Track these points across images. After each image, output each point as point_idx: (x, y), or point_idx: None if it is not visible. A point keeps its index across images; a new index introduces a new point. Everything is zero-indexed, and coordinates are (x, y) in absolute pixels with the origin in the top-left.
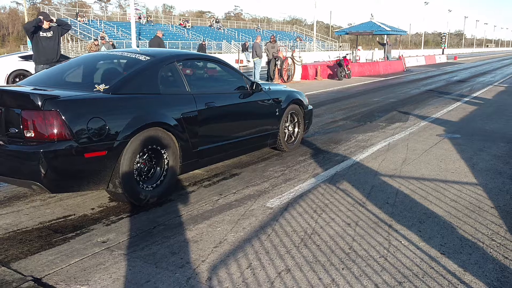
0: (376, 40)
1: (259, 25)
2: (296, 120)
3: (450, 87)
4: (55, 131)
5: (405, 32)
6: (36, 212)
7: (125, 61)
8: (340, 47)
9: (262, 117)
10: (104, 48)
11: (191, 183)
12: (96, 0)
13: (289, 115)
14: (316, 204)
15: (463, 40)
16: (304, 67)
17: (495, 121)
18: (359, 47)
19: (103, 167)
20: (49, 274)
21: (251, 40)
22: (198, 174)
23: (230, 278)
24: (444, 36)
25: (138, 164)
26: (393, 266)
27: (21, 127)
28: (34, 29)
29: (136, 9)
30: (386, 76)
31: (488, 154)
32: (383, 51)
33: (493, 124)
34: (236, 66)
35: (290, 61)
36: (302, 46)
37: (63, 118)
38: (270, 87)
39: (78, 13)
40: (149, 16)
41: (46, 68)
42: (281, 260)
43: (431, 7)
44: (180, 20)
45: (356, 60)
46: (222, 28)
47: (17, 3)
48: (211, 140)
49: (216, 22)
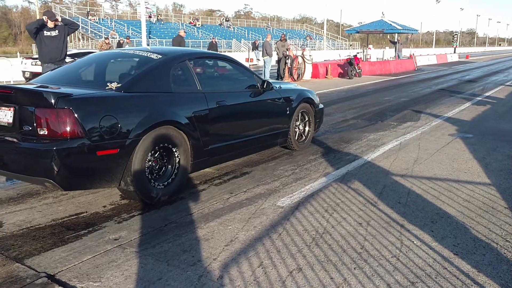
0: (388, 38)
1: (269, 23)
2: (307, 119)
3: (462, 86)
4: (68, 129)
5: (416, 30)
6: (49, 209)
7: (137, 59)
8: (350, 45)
9: (273, 115)
10: (128, 47)
11: (202, 181)
12: None
13: (299, 114)
14: (327, 203)
15: (475, 39)
16: (315, 66)
17: (508, 120)
18: (370, 46)
19: (115, 165)
20: (62, 271)
21: (261, 38)
22: (209, 173)
23: (242, 277)
24: (456, 34)
25: (150, 162)
26: (405, 266)
27: (34, 125)
28: (36, 29)
29: (146, 7)
30: (397, 75)
31: (502, 154)
32: (394, 49)
33: (506, 123)
34: (246, 65)
35: (300, 59)
36: (312, 44)
37: (76, 116)
38: (281, 86)
39: (89, 11)
40: (159, 14)
41: (53, 67)
42: (292, 259)
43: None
44: (190, 18)
45: (367, 58)
46: (232, 27)
47: (29, 2)
48: (222, 138)
49: (226, 21)
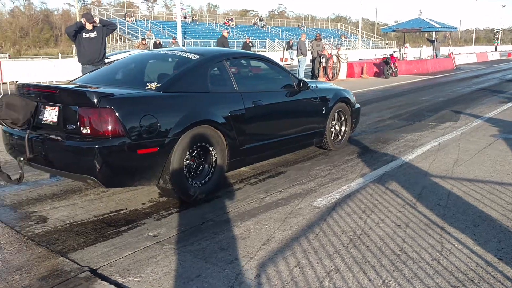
0: (425, 36)
1: (303, 23)
2: (343, 118)
3: (503, 86)
4: (110, 127)
5: (455, 28)
6: (90, 206)
7: (175, 59)
8: (386, 44)
9: (309, 115)
10: (174, 47)
11: (237, 180)
12: (143, 1)
13: (336, 114)
14: (364, 204)
15: None
16: (350, 65)
17: None
18: (407, 45)
19: (154, 163)
20: (104, 266)
21: (295, 38)
22: (244, 172)
23: (279, 276)
24: (497, 32)
25: (188, 161)
26: (446, 270)
27: (78, 123)
28: (75, 32)
29: (181, 8)
30: (434, 74)
31: None
32: (431, 48)
33: None
34: (280, 64)
35: (335, 59)
36: (347, 43)
37: (117, 115)
38: (317, 85)
39: (126, 13)
40: (194, 15)
41: (91, 68)
42: (330, 259)
43: (483, 2)
44: (224, 19)
45: (404, 57)
46: (266, 27)
47: (69, 4)
48: (258, 138)
49: (260, 21)
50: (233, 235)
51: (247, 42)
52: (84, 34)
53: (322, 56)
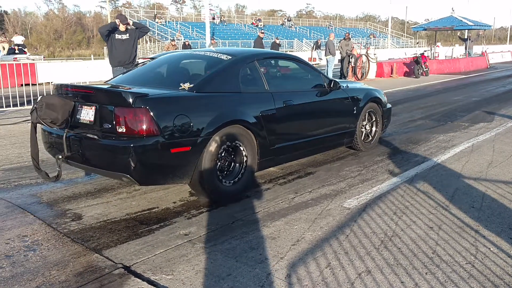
0: (457, 35)
1: (331, 22)
2: (374, 119)
3: None
4: (144, 127)
5: (489, 26)
6: (123, 204)
7: (207, 60)
8: (417, 43)
9: (339, 115)
10: (212, 47)
11: (267, 180)
12: (172, 2)
13: (366, 114)
14: (395, 205)
15: None
16: (379, 65)
17: None
18: (438, 43)
19: (187, 162)
20: (137, 263)
21: (323, 37)
22: (273, 172)
23: (309, 277)
24: None
25: (219, 160)
26: (481, 274)
27: (113, 122)
28: (108, 32)
29: (210, 9)
30: (467, 73)
31: None
32: (464, 47)
33: None
34: None
35: (364, 58)
36: (376, 43)
37: (152, 114)
38: (348, 85)
39: (156, 14)
40: (222, 16)
41: (122, 70)
42: (361, 261)
43: None
44: (252, 19)
45: (435, 57)
46: (293, 27)
47: (101, 7)
48: (288, 138)
49: (288, 21)
50: (263, 235)
51: (276, 42)
52: (116, 35)
53: (351, 56)
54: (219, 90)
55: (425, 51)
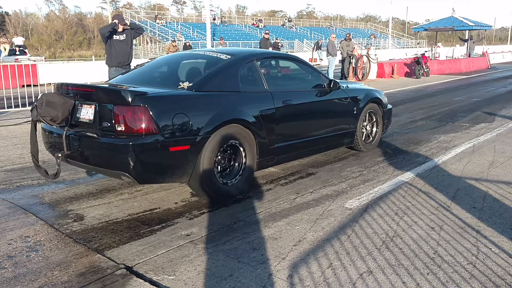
0: (458, 35)
1: (332, 23)
2: (374, 119)
3: None
4: (143, 125)
5: (490, 26)
6: (125, 205)
7: (207, 60)
8: (418, 44)
9: (340, 115)
10: (221, 47)
11: (268, 181)
12: (173, 3)
13: (367, 114)
14: (397, 206)
15: None
16: (380, 65)
17: None
18: (439, 44)
19: (186, 161)
20: (139, 263)
21: (323, 38)
22: (274, 173)
23: (311, 277)
24: None
25: (218, 159)
26: (483, 274)
27: (113, 121)
28: (109, 33)
29: (211, 10)
30: (468, 74)
31: None
32: (465, 47)
33: None
34: None
35: (365, 59)
36: (376, 43)
37: (151, 113)
38: (348, 85)
39: (157, 15)
40: (223, 16)
41: (121, 71)
42: (362, 261)
43: None
44: (253, 20)
45: (435, 57)
46: (294, 27)
47: (101, 8)
48: (288, 137)
49: (288, 21)
50: (264, 236)
51: (277, 42)
52: (115, 36)
53: (352, 56)
54: (218, 89)
55: (426, 51)
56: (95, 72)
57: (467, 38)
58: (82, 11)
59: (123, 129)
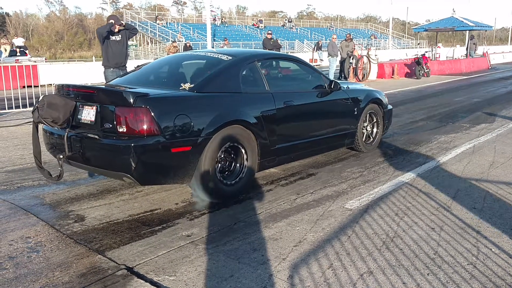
0: (456, 35)
1: (332, 23)
2: (375, 120)
3: None
4: (145, 126)
5: (490, 27)
6: (126, 205)
7: (208, 61)
8: (418, 44)
9: (340, 116)
10: (226, 48)
11: (268, 182)
12: (174, 3)
13: (367, 115)
14: (397, 206)
15: None
16: (380, 66)
17: None
18: (439, 44)
19: (187, 162)
20: (140, 264)
21: (324, 39)
22: (275, 173)
23: (312, 278)
24: None
25: (219, 160)
26: (483, 275)
27: (114, 122)
28: (107, 34)
29: (211, 11)
30: (468, 74)
31: None
32: (465, 47)
33: None
34: None
35: (365, 59)
36: (377, 44)
37: (152, 114)
38: (349, 86)
39: (157, 16)
40: (223, 17)
41: (117, 72)
42: (363, 262)
43: None
44: (253, 20)
45: (436, 57)
46: (294, 28)
47: (102, 8)
48: (289, 138)
49: (288, 22)
50: (265, 236)
51: (276, 41)
52: (111, 36)
53: (352, 57)
54: (219, 90)
55: (426, 52)
56: (95, 72)
57: (468, 38)
58: (82, 12)
59: (125, 130)
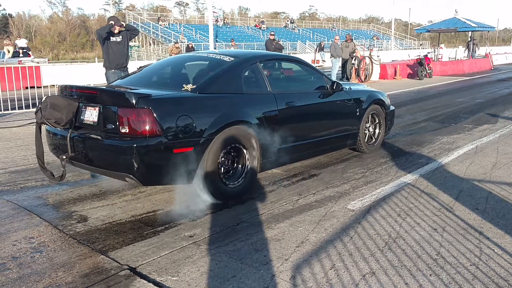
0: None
1: (334, 24)
2: (377, 121)
3: None
4: (147, 127)
5: (493, 28)
6: (128, 206)
7: (210, 62)
8: (420, 45)
9: (342, 117)
10: (233, 49)
11: (271, 182)
12: (176, 5)
13: (370, 116)
14: (399, 207)
15: None
16: (383, 66)
17: None
18: (442, 45)
19: (189, 162)
20: (142, 264)
21: (326, 39)
22: (277, 174)
23: (314, 278)
24: None
25: (222, 161)
26: (486, 276)
27: (117, 123)
28: (107, 35)
29: (213, 12)
30: (471, 75)
31: None
32: (467, 48)
33: None
34: None
35: (367, 60)
36: (379, 44)
37: (155, 115)
38: (351, 87)
39: (160, 17)
40: (225, 18)
41: (119, 73)
42: (365, 262)
43: None
44: (255, 21)
45: (438, 58)
46: (296, 29)
47: (104, 10)
48: (291, 139)
49: (291, 23)
50: (267, 237)
51: (277, 42)
52: (111, 38)
53: (354, 58)
54: (221, 91)
55: (428, 52)
56: (98, 73)
57: (469, 39)
58: (85, 13)
59: (127, 131)
